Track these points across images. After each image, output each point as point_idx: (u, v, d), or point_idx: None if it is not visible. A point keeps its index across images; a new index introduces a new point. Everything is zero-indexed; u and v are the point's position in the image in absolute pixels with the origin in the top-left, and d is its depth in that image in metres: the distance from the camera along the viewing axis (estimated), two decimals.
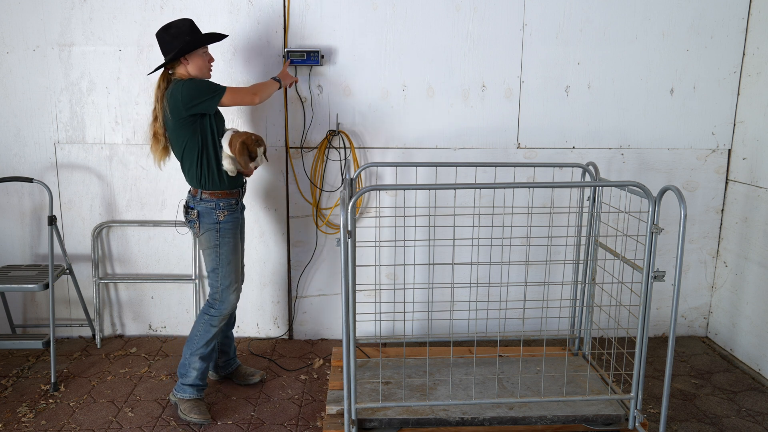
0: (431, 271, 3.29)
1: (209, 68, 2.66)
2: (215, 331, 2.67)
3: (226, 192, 2.63)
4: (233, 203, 2.65)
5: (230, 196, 2.64)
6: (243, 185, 2.76)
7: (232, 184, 2.65)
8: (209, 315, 2.67)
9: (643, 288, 2.29)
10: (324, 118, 3.27)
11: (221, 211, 2.61)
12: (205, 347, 2.67)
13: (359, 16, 3.17)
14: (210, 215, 2.61)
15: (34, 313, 3.46)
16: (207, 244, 2.64)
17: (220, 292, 2.67)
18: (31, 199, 3.33)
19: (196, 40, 2.56)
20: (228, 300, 2.68)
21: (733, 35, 3.26)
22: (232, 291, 2.68)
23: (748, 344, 3.24)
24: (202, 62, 2.60)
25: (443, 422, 2.41)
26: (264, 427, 2.64)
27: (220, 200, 2.61)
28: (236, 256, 2.68)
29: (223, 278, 2.66)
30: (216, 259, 2.64)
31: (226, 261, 2.64)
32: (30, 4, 3.12)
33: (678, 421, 2.70)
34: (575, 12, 3.20)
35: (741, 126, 3.32)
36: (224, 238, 2.62)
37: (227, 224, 2.63)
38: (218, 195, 2.61)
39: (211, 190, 2.61)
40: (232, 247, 2.65)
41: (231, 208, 2.64)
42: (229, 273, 2.66)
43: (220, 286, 2.67)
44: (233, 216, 2.65)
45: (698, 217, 3.45)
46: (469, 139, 3.31)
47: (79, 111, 3.24)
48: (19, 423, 2.64)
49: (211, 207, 2.60)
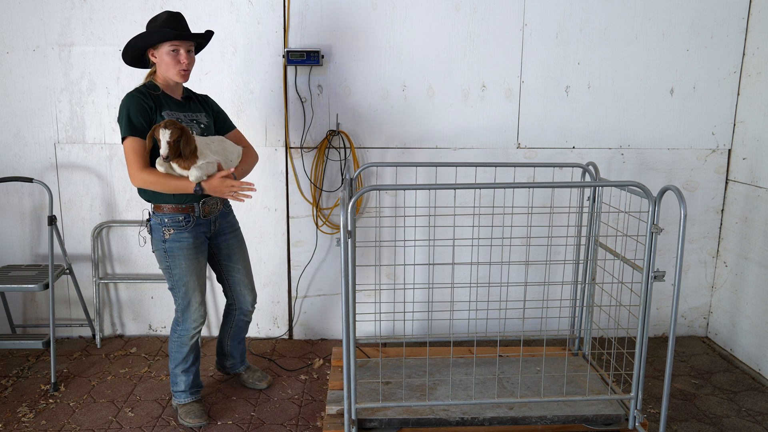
0: (431, 271, 3.29)
1: (179, 72, 2.36)
2: (189, 348, 2.57)
3: (172, 206, 2.36)
4: (180, 220, 2.37)
5: (177, 211, 2.36)
6: (203, 200, 2.43)
7: (179, 197, 2.36)
8: (177, 334, 2.56)
9: (643, 288, 2.29)
10: (324, 118, 3.27)
11: (166, 229, 2.37)
12: (184, 362, 2.60)
13: (359, 16, 3.17)
14: (157, 232, 2.39)
15: (34, 313, 3.46)
16: (160, 263, 2.46)
17: (181, 312, 2.52)
18: (31, 199, 3.33)
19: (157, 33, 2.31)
20: (189, 319, 2.52)
21: (733, 35, 3.26)
22: (193, 311, 2.51)
23: (748, 344, 3.24)
24: (168, 61, 2.34)
25: (443, 422, 2.41)
26: (264, 427, 2.64)
27: (165, 215, 2.36)
28: (193, 277, 2.46)
29: (180, 299, 2.48)
30: (170, 280, 2.46)
31: (181, 283, 2.44)
32: (30, 4, 3.12)
33: (678, 421, 2.70)
34: (575, 12, 3.20)
35: (741, 126, 3.32)
36: (174, 260, 2.40)
37: (174, 244, 2.38)
38: (163, 209, 2.37)
39: (156, 203, 2.38)
40: (185, 269, 2.42)
41: (178, 226, 2.37)
42: (185, 294, 2.47)
43: (179, 306, 2.51)
44: (181, 235, 2.38)
45: (698, 217, 3.45)
46: (469, 139, 3.31)
47: (79, 111, 3.24)
48: (19, 423, 2.64)
49: (158, 222, 2.38)
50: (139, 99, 2.31)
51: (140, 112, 2.29)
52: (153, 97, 2.35)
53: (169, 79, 2.41)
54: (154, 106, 2.34)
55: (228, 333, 2.87)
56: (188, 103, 2.51)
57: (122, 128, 2.31)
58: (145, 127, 2.30)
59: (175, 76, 2.38)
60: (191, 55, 2.42)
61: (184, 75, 2.40)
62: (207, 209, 2.46)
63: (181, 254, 2.41)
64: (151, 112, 2.32)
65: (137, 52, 2.39)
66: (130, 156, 2.29)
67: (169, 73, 2.38)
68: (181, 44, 2.36)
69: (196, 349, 2.63)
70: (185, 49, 2.37)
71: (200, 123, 2.48)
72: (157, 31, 2.32)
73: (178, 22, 2.38)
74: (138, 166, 2.28)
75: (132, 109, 2.29)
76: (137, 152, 2.28)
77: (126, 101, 2.31)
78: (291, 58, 3.09)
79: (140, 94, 2.33)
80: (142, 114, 2.30)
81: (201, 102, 2.59)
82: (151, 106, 2.33)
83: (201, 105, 2.57)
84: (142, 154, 2.30)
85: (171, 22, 2.35)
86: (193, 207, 2.41)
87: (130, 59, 2.45)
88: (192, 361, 2.63)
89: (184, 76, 2.40)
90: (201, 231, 2.48)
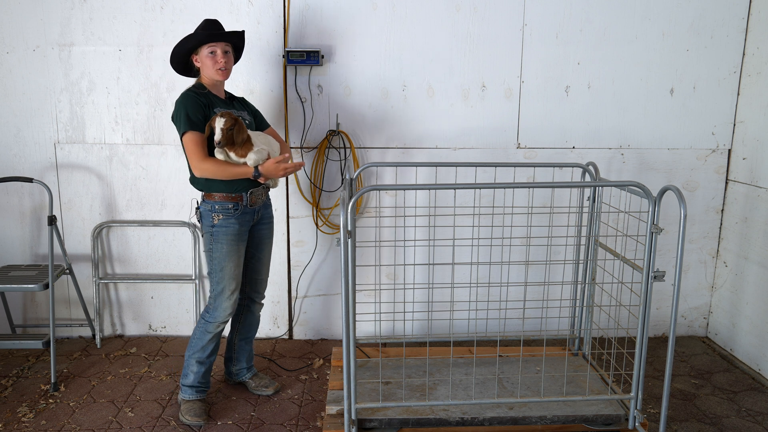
0: (431, 271, 3.29)
1: (217, 71, 2.55)
2: (211, 336, 2.64)
3: (223, 195, 2.55)
4: (230, 207, 2.55)
5: (227, 200, 2.55)
6: (251, 190, 2.60)
7: (230, 186, 2.55)
8: (204, 320, 2.65)
9: (643, 288, 2.29)
10: (324, 118, 3.27)
11: (216, 215, 2.54)
12: (202, 351, 2.66)
13: (359, 16, 3.17)
14: (207, 217, 2.57)
15: (34, 313, 3.46)
16: (204, 246, 2.63)
17: (214, 298, 2.63)
18: (31, 199, 3.33)
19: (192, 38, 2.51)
20: (221, 307, 2.62)
21: (733, 35, 3.26)
22: (225, 298, 2.61)
23: (748, 344, 3.24)
24: (208, 62, 2.53)
25: (443, 422, 2.41)
26: (264, 427, 2.64)
27: (216, 203, 2.54)
28: (231, 264, 2.59)
29: (215, 284, 2.61)
30: (210, 263, 2.60)
31: (219, 267, 2.58)
32: (30, 4, 3.12)
33: (678, 421, 2.70)
34: (575, 12, 3.20)
35: (741, 126, 3.32)
36: (217, 243, 2.56)
37: (221, 228, 2.55)
38: (214, 197, 2.55)
39: (208, 192, 2.57)
40: (226, 253, 2.57)
41: (227, 212, 2.55)
42: (221, 279, 2.59)
43: (213, 292, 2.63)
44: (228, 221, 2.55)
45: (698, 217, 3.45)
46: (469, 139, 3.31)
47: (79, 111, 3.24)
48: (19, 423, 2.64)
49: (208, 209, 2.56)
50: (194, 96, 2.50)
51: (197, 108, 2.47)
52: (204, 96, 2.55)
53: (212, 78, 2.58)
54: (207, 102, 2.53)
55: (237, 330, 2.89)
56: (232, 103, 2.70)
57: (181, 125, 2.47)
58: (201, 121, 2.48)
59: (215, 75, 2.56)
60: (228, 56, 2.59)
61: (224, 73, 2.57)
62: (254, 199, 2.62)
63: (225, 239, 2.56)
64: (206, 109, 2.51)
65: (181, 59, 2.58)
66: (191, 148, 2.47)
67: (210, 73, 2.56)
68: (217, 45, 2.54)
69: (216, 342, 2.70)
70: (222, 49, 2.56)
71: (245, 120, 2.67)
72: (192, 36, 2.52)
73: (213, 25, 2.59)
74: (199, 156, 2.47)
75: (189, 106, 2.47)
76: (198, 144, 2.47)
77: (182, 100, 2.49)
78: (291, 58, 3.09)
79: (194, 92, 2.53)
80: (198, 110, 2.48)
81: (241, 102, 2.78)
82: (205, 103, 2.51)
83: (242, 105, 2.77)
84: (202, 146, 2.49)
85: (206, 27, 2.56)
86: (242, 196, 2.58)
87: (178, 68, 2.64)
88: (209, 354, 2.69)
89: (223, 73, 2.57)
90: (246, 220, 2.63)
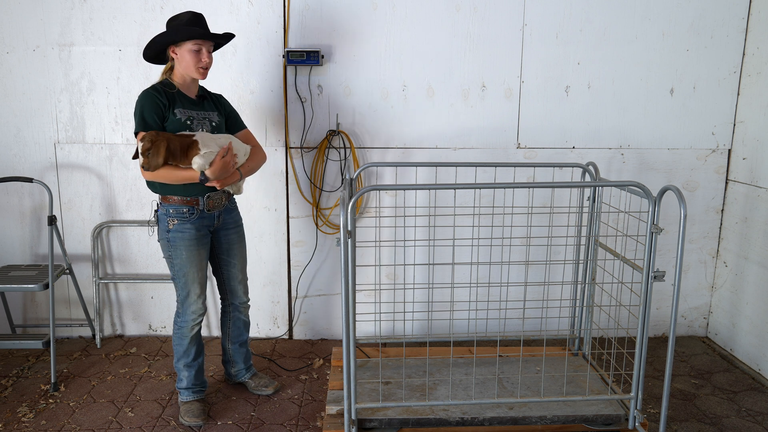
0: (431, 271, 3.29)
1: (197, 69, 2.46)
2: (189, 340, 2.61)
3: (178, 198, 2.45)
4: (185, 211, 2.46)
5: (182, 203, 2.45)
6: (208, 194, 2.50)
7: (186, 190, 2.45)
8: (177, 326, 2.62)
9: (643, 288, 2.29)
10: (324, 118, 3.27)
11: (171, 219, 2.46)
12: (186, 356, 2.64)
13: (359, 16, 3.17)
14: (163, 221, 2.48)
15: (34, 313, 3.46)
16: (163, 253, 2.56)
17: (180, 303, 2.59)
18: (31, 199, 3.33)
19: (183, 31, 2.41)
20: (189, 311, 2.58)
21: (733, 35, 3.26)
22: (191, 302, 2.57)
23: (748, 344, 3.24)
24: (189, 58, 2.42)
25: (443, 422, 2.41)
26: (264, 427, 2.64)
27: (171, 206, 2.46)
28: (194, 268, 2.53)
29: (180, 289, 2.56)
30: (171, 269, 2.55)
31: (181, 273, 2.52)
32: (30, 4, 3.12)
33: (678, 421, 2.70)
34: (575, 12, 3.20)
35: (741, 126, 3.32)
36: (176, 250, 2.48)
37: (177, 234, 2.46)
38: (170, 200, 2.46)
39: (164, 195, 2.47)
40: (186, 259, 2.49)
41: (182, 217, 2.46)
42: (185, 285, 2.54)
43: (179, 297, 2.59)
44: (184, 226, 2.47)
45: (698, 217, 3.45)
46: (469, 139, 3.31)
47: (79, 111, 3.24)
48: (19, 423, 2.64)
49: (164, 213, 2.48)
50: (154, 97, 2.41)
51: (154, 110, 2.39)
52: (168, 95, 2.45)
53: (187, 76, 2.49)
54: (168, 103, 2.43)
55: (227, 335, 2.87)
56: (202, 102, 2.59)
57: (136, 124, 2.41)
58: (157, 123, 2.40)
59: (195, 73, 2.48)
60: (210, 55, 2.52)
61: (204, 73, 2.50)
62: (211, 203, 2.54)
63: (183, 245, 2.49)
64: (164, 110, 2.42)
65: (160, 48, 2.47)
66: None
67: (188, 70, 2.47)
68: (203, 43, 2.46)
69: (197, 344, 2.67)
70: (207, 48, 2.48)
71: (212, 121, 2.57)
72: (184, 29, 2.42)
73: (202, 22, 2.50)
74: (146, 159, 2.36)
75: (146, 106, 2.39)
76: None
77: (141, 98, 2.41)
78: (291, 58, 3.09)
79: (156, 92, 2.43)
80: (156, 111, 2.39)
81: (214, 101, 2.67)
82: (165, 104, 2.42)
83: (214, 104, 2.65)
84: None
85: (194, 21, 2.46)
86: (198, 200, 2.49)
87: (150, 55, 2.52)
88: (194, 356, 2.66)
89: (203, 73, 2.50)
90: (204, 224, 2.55)
